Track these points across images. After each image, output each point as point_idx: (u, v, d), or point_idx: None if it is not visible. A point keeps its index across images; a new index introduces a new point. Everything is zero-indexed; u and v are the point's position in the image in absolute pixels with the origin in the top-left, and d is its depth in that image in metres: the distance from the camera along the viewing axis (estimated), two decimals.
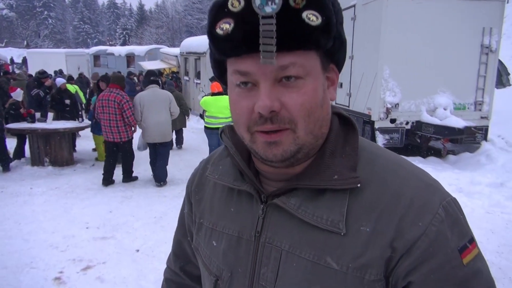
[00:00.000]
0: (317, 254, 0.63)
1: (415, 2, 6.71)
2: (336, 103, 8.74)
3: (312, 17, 0.55)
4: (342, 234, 0.62)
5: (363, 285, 0.60)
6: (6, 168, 6.83)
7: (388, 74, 6.92)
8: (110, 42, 51.21)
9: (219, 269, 0.73)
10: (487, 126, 7.42)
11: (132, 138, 6.12)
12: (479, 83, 7.20)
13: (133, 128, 6.05)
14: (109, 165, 6.14)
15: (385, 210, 0.61)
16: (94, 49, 27.36)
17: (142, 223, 4.71)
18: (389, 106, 6.99)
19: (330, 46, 0.60)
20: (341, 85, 8.49)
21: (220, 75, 0.68)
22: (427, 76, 6.97)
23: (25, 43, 54.75)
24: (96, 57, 25.93)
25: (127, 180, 6.36)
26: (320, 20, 0.56)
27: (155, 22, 55.12)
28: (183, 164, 7.59)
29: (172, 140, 6.67)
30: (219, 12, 0.58)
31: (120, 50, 25.20)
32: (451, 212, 0.62)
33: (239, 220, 0.72)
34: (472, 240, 0.63)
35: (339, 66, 0.68)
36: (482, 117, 7.36)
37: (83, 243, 4.14)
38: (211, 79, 7.99)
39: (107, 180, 6.17)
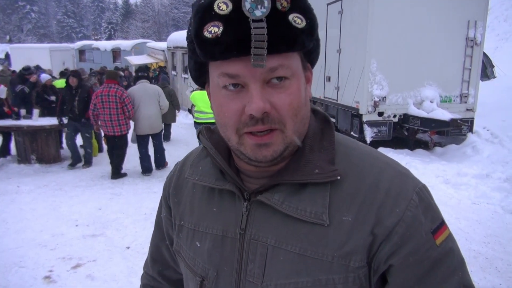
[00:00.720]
0: (303, 246, 0.65)
1: None
2: (324, 97, 8.79)
3: (297, 20, 0.57)
4: (326, 225, 0.64)
5: (348, 272, 0.63)
6: None
7: (376, 67, 6.97)
8: (95, 37, 50.39)
9: (204, 269, 0.74)
10: (473, 118, 7.55)
11: (127, 133, 6.29)
12: (464, 75, 7.30)
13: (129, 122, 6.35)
14: (112, 158, 6.40)
15: (365, 200, 0.64)
16: (79, 44, 26.90)
17: (132, 220, 4.68)
18: (376, 99, 7.05)
19: (311, 47, 0.62)
20: (329, 79, 8.52)
21: (197, 77, 0.69)
22: (413, 69, 7.05)
23: (8, 38, 53.61)
24: (81, 52, 25.52)
25: (116, 176, 6.36)
26: (304, 22, 0.58)
27: (140, 16, 54.39)
28: (172, 159, 7.54)
29: (162, 130, 6.91)
30: (205, 15, 0.58)
31: (105, 44, 24.84)
32: (423, 197, 0.66)
33: (222, 219, 0.73)
34: (443, 223, 0.67)
35: (313, 64, 0.70)
36: (467, 109, 7.48)
37: (72, 241, 4.11)
38: None
39: (115, 174, 6.37)
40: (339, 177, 0.65)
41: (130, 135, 6.51)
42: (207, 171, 0.75)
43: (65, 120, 6.81)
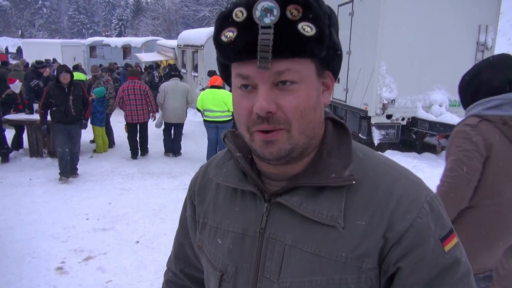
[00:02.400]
0: (318, 247, 0.69)
1: None
2: (333, 98, 8.81)
3: (307, 28, 0.61)
4: (340, 228, 0.68)
5: (361, 273, 0.67)
6: (5, 159, 6.85)
7: (385, 70, 6.99)
8: (106, 33, 50.78)
9: (224, 265, 0.78)
10: None
11: (148, 120, 7.43)
12: None
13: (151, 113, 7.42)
14: (134, 142, 7.45)
15: (379, 206, 0.68)
16: (90, 40, 27.15)
17: (141, 215, 4.77)
18: (385, 102, 7.06)
19: (324, 54, 0.66)
20: (338, 80, 8.54)
21: (226, 77, 0.75)
22: (423, 73, 7.05)
23: (20, 32, 54.18)
24: (92, 48, 25.75)
25: (144, 153, 7.60)
26: (314, 31, 0.61)
27: (151, 13, 54.60)
28: (181, 157, 7.64)
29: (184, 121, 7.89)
30: (224, 21, 0.64)
31: (116, 41, 25.04)
32: (434, 206, 0.69)
33: (244, 218, 0.77)
34: (452, 231, 0.70)
35: (335, 73, 0.74)
36: None
37: (83, 234, 4.21)
38: (209, 73, 8.51)
39: (135, 154, 7.48)
40: (354, 182, 0.69)
41: (154, 122, 7.58)
42: (230, 172, 0.80)
43: (44, 127, 6.05)
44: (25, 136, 7.41)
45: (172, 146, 7.68)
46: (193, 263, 0.96)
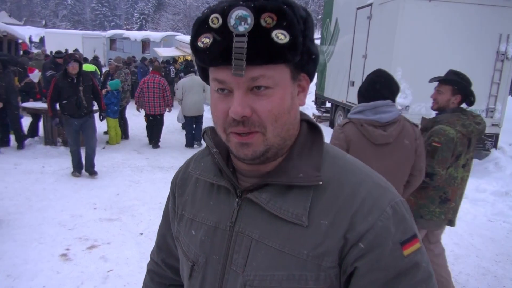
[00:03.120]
0: (282, 243, 0.71)
1: (432, 5, 6.65)
2: (347, 101, 8.76)
3: (280, 36, 0.62)
4: (304, 226, 0.70)
5: (320, 270, 0.69)
6: (21, 146, 7.02)
7: (401, 75, 6.90)
8: (127, 26, 51.44)
9: (196, 255, 0.81)
10: (498, 134, 7.37)
11: (164, 113, 7.98)
12: (492, 90, 7.14)
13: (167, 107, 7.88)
14: (151, 133, 8.02)
15: (342, 207, 0.70)
16: (110, 33, 27.53)
17: (147, 208, 4.83)
18: (399, 107, 6.98)
19: (297, 60, 0.67)
20: (353, 84, 8.48)
21: (205, 79, 0.77)
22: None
23: (44, 22, 55.31)
24: (112, 40, 26.11)
25: (156, 145, 7.97)
26: (287, 38, 0.62)
27: (172, 8, 55.11)
28: (191, 153, 7.70)
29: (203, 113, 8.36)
30: (201, 27, 0.66)
31: (136, 35, 25.35)
32: (398, 211, 0.70)
33: (217, 212, 0.80)
34: (414, 236, 0.70)
35: (310, 75, 0.75)
36: (493, 124, 7.29)
37: (89, 223, 4.28)
38: None
39: (153, 143, 7.98)
40: (321, 183, 0.71)
41: (167, 113, 8.13)
42: (207, 167, 0.83)
43: (56, 121, 5.73)
44: (41, 124, 7.57)
45: (195, 136, 8.21)
46: (174, 254, 0.99)
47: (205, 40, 0.65)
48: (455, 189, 2.70)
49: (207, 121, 10.63)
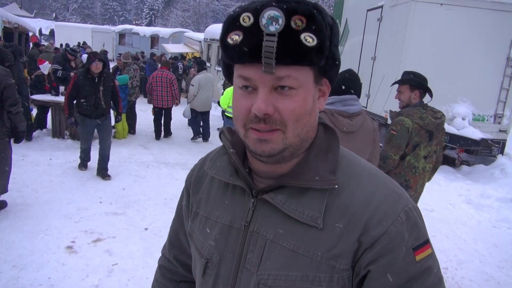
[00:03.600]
0: (297, 244, 0.73)
1: (444, 8, 6.62)
2: None
3: (309, 39, 0.64)
4: (319, 228, 0.72)
5: (334, 272, 0.71)
6: (29, 137, 7.08)
7: None
8: (136, 22, 51.59)
9: (210, 253, 0.83)
10: (505, 140, 7.33)
11: (172, 106, 8.28)
12: (501, 95, 7.10)
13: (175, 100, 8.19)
14: (158, 126, 8.28)
15: (357, 211, 0.71)
16: (120, 27, 27.65)
17: (152, 203, 4.86)
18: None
19: (323, 64, 0.69)
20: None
21: (228, 76, 0.78)
22: (448, 84, 6.89)
23: (54, 15, 55.64)
24: (122, 35, 26.22)
25: (167, 135, 8.42)
26: (315, 42, 0.64)
27: (182, 5, 55.16)
28: (197, 149, 7.75)
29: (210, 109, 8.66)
30: (231, 24, 0.68)
31: (145, 30, 25.43)
32: (411, 217, 0.72)
33: (232, 211, 0.81)
34: (426, 242, 0.72)
35: (331, 81, 0.77)
36: (500, 130, 7.26)
37: (95, 217, 4.32)
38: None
39: (159, 136, 8.31)
40: (336, 186, 0.72)
41: (175, 108, 8.44)
42: (223, 167, 0.84)
43: (71, 120, 5.45)
44: (49, 116, 7.62)
45: (203, 132, 8.49)
46: (186, 251, 1.00)
47: (235, 37, 0.66)
48: (416, 178, 2.98)
49: (214, 118, 10.66)
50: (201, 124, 8.50)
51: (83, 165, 5.81)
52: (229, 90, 6.30)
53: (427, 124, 2.97)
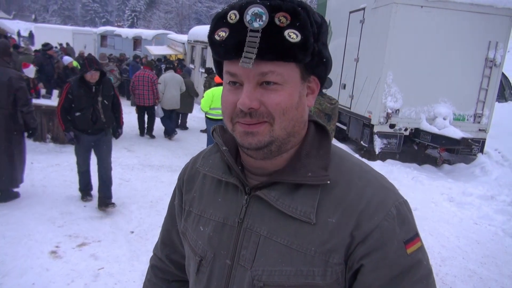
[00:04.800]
0: (290, 239, 0.74)
1: (424, 11, 6.77)
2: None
3: (292, 35, 0.66)
4: (312, 223, 0.73)
5: (327, 266, 0.72)
6: None
7: (392, 79, 7.01)
8: (118, 23, 50.96)
9: (204, 251, 0.83)
10: (485, 139, 7.53)
11: (154, 104, 8.52)
12: (480, 95, 7.29)
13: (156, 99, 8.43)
14: (141, 123, 8.64)
15: (349, 206, 0.73)
16: (101, 29, 27.26)
17: (137, 206, 4.81)
18: (389, 111, 7.08)
19: (308, 60, 0.70)
20: (344, 86, 8.57)
21: (219, 72, 0.80)
22: (429, 85, 7.06)
23: (33, 17, 54.52)
24: (104, 37, 25.85)
25: (150, 133, 8.67)
26: (299, 38, 0.66)
27: (164, 6, 54.82)
28: (182, 152, 7.70)
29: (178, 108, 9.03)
30: (219, 21, 0.70)
31: (127, 32, 25.13)
32: (402, 211, 0.74)
33: (225, 208, 0.82)
34: (416, 236, 0.75)
35: (321, 79, 0.78)
36: (480, 130, 7.46)
37: (79, 221, 4.25)
38: (208, 71, 9.51)
39: (143, 133, 8.69)
40: (328, 182, 0.74)
41: (156, 111, 8.61)
42: (216, 164, 0.85)
43: (70, 135, 4.42)
44: None
45: (167, 128, 8.81)
46: (178, 250, 1.00)
47: (222, 34, 0.68)
48: None
49: (199, 120, 10.63)
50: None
51: (87, 194, 4.81)
52: (209, 92, 6.28)
53: (324, 109, 4.19)
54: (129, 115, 10.11)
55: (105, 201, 4.61)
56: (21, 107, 4.40)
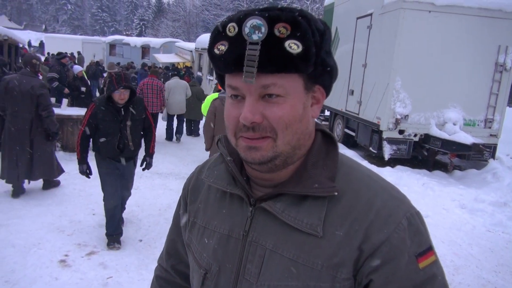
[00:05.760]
0: (297, 253, 0.71)
1: (432, 16, 6.73)
2: (346, 110, 8.80)
3: (293, 46, 0.63)
4: (319, 236, 0.70)
5: (335, 282, 0.69)
6: None
7: (400, 85, 6.95)
8: (127, 32, 51.56)
9: (209, 264, 0.81)
10: (496, 144, 7.42)
11: (158, 112, 8.67)
12: (490, 100, 7.20)
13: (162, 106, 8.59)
14: None
15: (357, 218, 0.70)
16: (110, 38, 27.61)
17: (146, 214, 4.81)
18: (398, 117, 7.02)
19: (310, 71, 0.68)
20: (352, 92, 8.53)
21: (222, 85, 0.78)
22: (438, 90, 6.99)
23: (44, 27, 55.43)
24: (112, 46, 26.18)
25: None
26: (300, 48, 0.64)
27: (172, 15, 55.38)
28: (190, 159, 7.70)
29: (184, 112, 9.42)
30: (218, 35, 0.69)
31: (136, 40, 25.44)
32: (413, 223, 0.70)
33: (230, 220, 0.80)
34: (430, 249, 0.71)
35: (326, 88, 0.76)
36: (491, 135, 7.35)
37: (88, 229, 4.26)
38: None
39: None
40: (336, 193, 0.70)
41: (161, 115, 8.94)
42: (221, 175, 0.83)
43: (83, 168, 3.86)
44: None
45: (176, 130, 9.29)
46: (184, 260, 0.98)
47: (221, 47, 0.67)
48: None
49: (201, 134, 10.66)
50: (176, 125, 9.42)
51: (116, 240, 3.88)
52: (209, 97, 6.33)
53: None
54: None
55: (115, 237, 3.89)
56: (41, 111, 4.82)
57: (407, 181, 6.43)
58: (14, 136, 4.84)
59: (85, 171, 3.88)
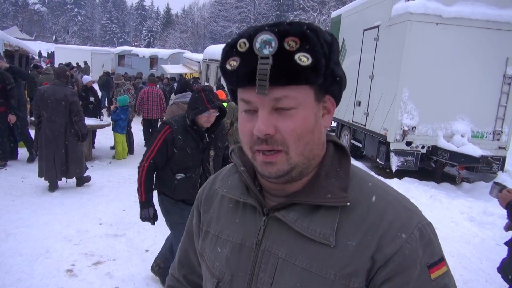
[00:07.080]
0: (310, 262, 0.72)
1: (439, 28, 6.74)
2: (353, 121, 8.79)
3: (303, 58, 0.66)
4: (332, 246, 0.71)
5: None
6: (30, 159, 7.07)
7: (407, 96, 6.94)
8: (135, 43, 52.23)
9: (221, 273, 0.82)
10: (505, 157, 7.34)
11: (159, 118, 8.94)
12: (499, 112, 7.15)
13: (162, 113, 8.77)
14: (147, 134, 9.07)
15: (370, 228, 0.71)
16: (119, 49, 27.95)
17: None
18: (406, 128, 6.99)
19: (321, 81, 0.70)
20: (359, 104, 8.53)
21: (234, 99, 0.80)
22: (446, 102, 6.96)
23: (54, 38, 56.33)
24: (121, 56, 26.49)
25: None
26: (310, 60, 0.66)
27: (180, 26, 56.05)
28: None
29: None
30: (229, 51, 0.71)
31: (144, 51, 25.71)
32: (425, 234, 0.71)
33: (243, 229, 0.81)
34: (441, 260, 0.72)
35: (336, 98, 0.78)
36: (500, 147, 7.29)
37: (95, 239, 4.27)
38: (217, 87, 9.95)
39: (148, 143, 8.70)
40: (348, 203, 0.72)
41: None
42: (234, 185, 0.85)
43: (149, 213, 3.08)
44: None
45: None
46: (196, 270, 0.99)
47: (233, 63, 0.69)
48: None
49: None
50: None
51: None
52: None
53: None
54: (142, 132, 10.27)
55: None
56: (73, 116, 5.54)
57: (414, 193, 6.38)
58: (51, 139, 5.49)
59: (150, 217, 3.04)
